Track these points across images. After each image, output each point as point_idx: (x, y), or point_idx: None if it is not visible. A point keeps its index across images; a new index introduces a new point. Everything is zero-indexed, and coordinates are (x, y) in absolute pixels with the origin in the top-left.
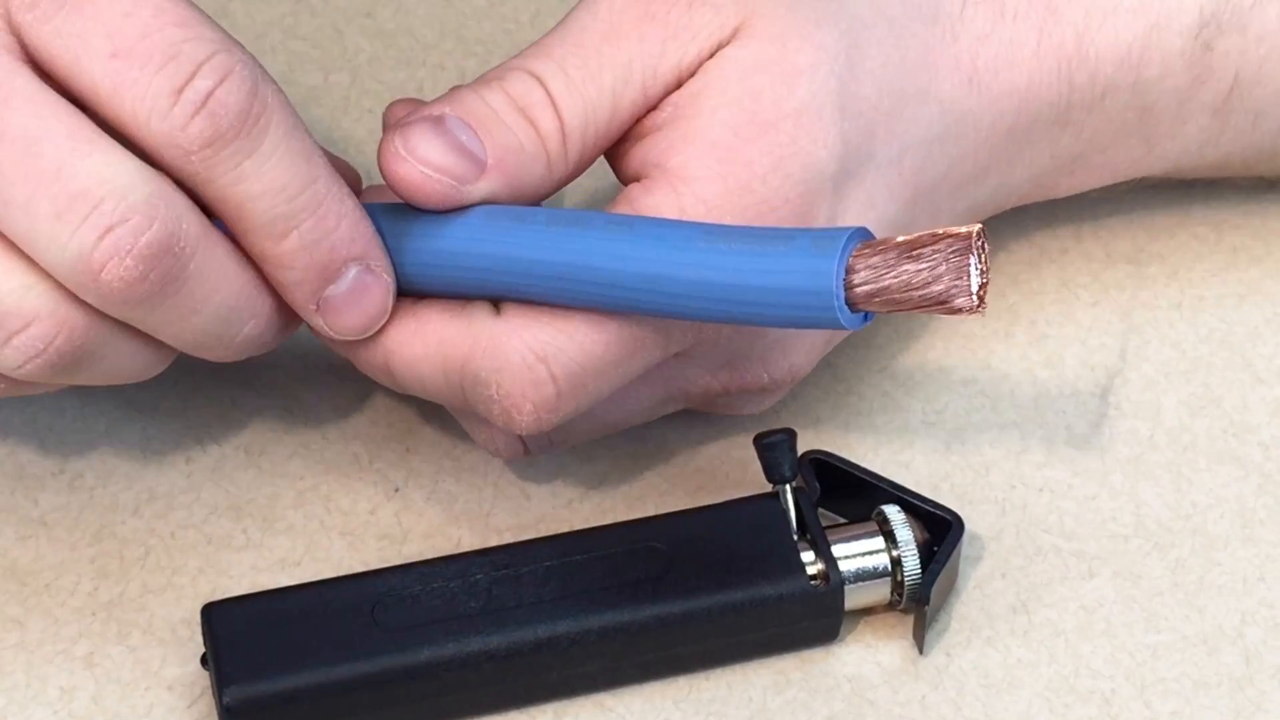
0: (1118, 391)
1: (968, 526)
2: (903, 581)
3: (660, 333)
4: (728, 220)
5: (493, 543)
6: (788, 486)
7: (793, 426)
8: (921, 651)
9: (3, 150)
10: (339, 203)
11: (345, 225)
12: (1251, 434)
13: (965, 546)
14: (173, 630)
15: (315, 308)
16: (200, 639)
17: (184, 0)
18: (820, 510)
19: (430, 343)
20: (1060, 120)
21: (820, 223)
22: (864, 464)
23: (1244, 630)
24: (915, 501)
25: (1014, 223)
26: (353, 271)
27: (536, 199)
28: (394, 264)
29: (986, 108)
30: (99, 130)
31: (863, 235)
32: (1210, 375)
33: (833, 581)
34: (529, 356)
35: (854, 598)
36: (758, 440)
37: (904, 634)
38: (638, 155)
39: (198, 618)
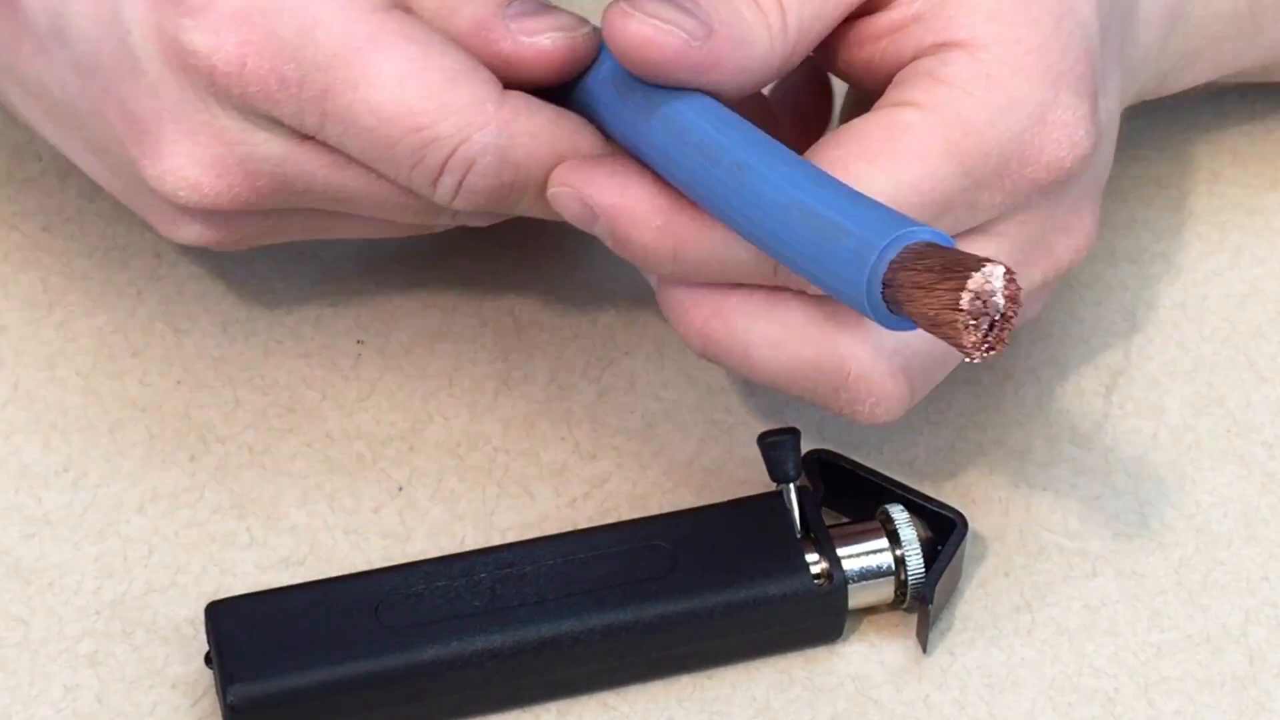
0: (1121, 391)
1: (971, 526)
2: (906, 581)
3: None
4: (1023, 80)
5: (496, 541)
6: (791, 486)
7: (797, 426)
8: (925, 651)
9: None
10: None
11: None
12: (1255, 433)
13: (969, 546)
14: (176, 629)
15: None
16: (204, 638)
17: (427, 78)
18: (824, 509)
19: None
20: (1185, 12)
21: (1094, 86)
22: (867, 463)
23: (1248, 629)
24: (919, 501)
25: None
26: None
27: (760, 79)
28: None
29: None
30: None
31: (920, 236)
32: (1214, 375)
33: (836, 580)
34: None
35: (857, 597)
36: (762, 439)
37: (907, 633)
38: (903, 46)
39: (201, 616)
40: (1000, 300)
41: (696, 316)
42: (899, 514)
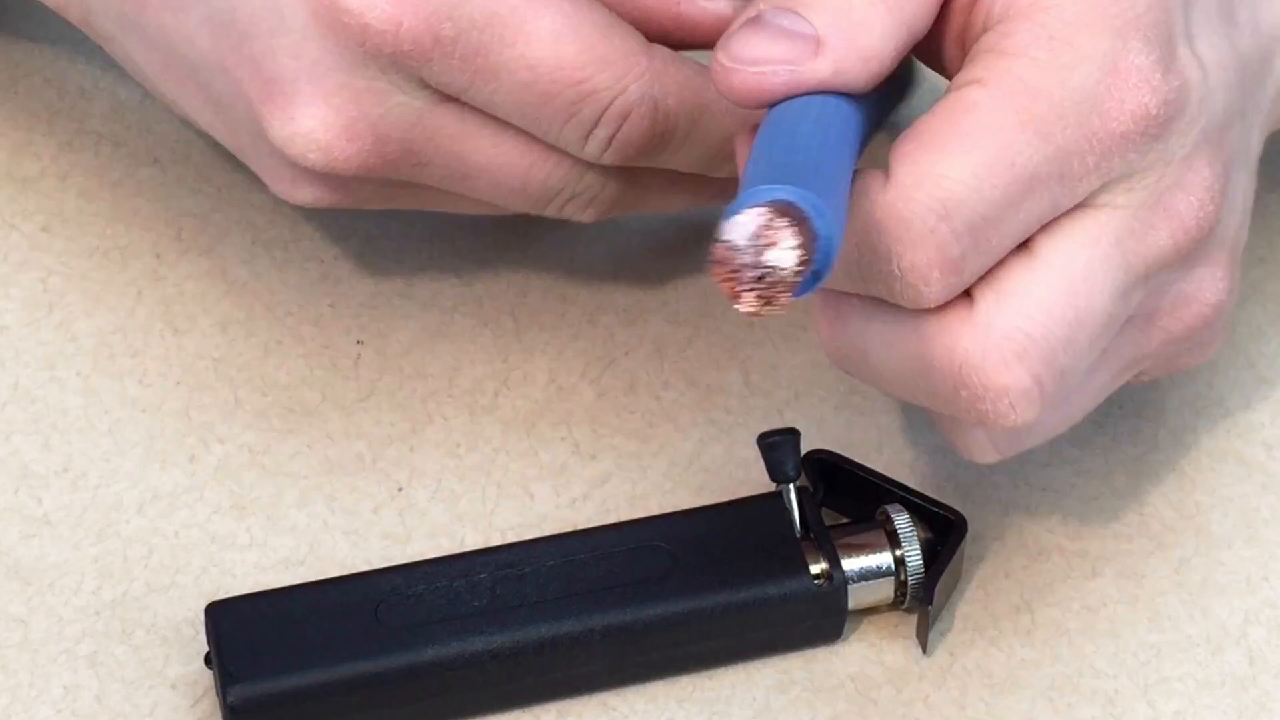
0: (1121, 391)
1: (971, 526)
2: (906, 581)
3: (1056, 165)
4: (1087, 34)
5: (496, 542)
6: (791, 486)
7: (796, 426)
8: (925, 651)
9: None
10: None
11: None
12: (1255, 433)
13: (968, 546)
14: (176, 629)
15: None
16: (204, 638)
17: (583, 32)
18: (824, 510)
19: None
20: None
21: (1170, 32)
22: (868, 463)
23: (1247, 630)
24: (919, 501)
25: None
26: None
27: (892, 59)
28: None
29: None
30: None
31: (770, 195)
32: (1214, 375)
33: (836, 581)
34: (929, 218)
35: (857, 597)
36: (761, 439)
37: (907, 633)
38: (976, 20)
39: (201, 617)
40: (750, 251)
41: (824, 321)
42: (899, 514)
